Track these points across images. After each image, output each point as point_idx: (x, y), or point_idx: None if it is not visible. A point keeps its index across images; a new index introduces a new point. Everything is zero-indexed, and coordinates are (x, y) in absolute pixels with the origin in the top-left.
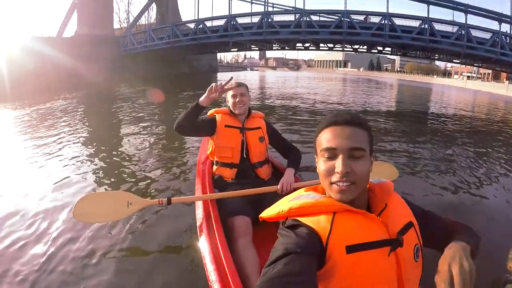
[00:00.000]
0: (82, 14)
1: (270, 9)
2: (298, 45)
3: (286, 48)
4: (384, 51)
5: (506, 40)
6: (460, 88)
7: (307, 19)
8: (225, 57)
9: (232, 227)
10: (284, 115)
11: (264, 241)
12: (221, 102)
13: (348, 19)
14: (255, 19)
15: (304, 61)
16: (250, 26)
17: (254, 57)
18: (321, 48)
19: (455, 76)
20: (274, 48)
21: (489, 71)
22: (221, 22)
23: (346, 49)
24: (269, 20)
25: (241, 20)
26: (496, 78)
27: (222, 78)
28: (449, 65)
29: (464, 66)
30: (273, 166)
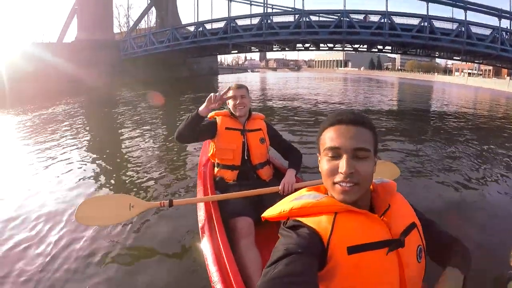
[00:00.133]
0: (82, 19)
1: (269, 11)
2: (298, 46)
3: (286, 49)
4: (384, 50)
5: (506, 36)
6: (461, 85)
7: (307, 20)
8: (226, 59)
9: (234, 228)
10: (285, 116)
11: (266, 242)
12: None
13: (348, 19)
14: (255, 21)
15: (305, 62)
16: (250, 28)
17: (255, 59)
18: (321, 48)
19: (456, 73)
20: (274, 49)
21: (490, 68)
22: (221, 25)
23: (346, 49)
24: (269, 22)
25: (241, 22)
26: (497, 75)
27: (223, 81)
28: (450, 62)
29: (465, 63)
30: (274, 167)
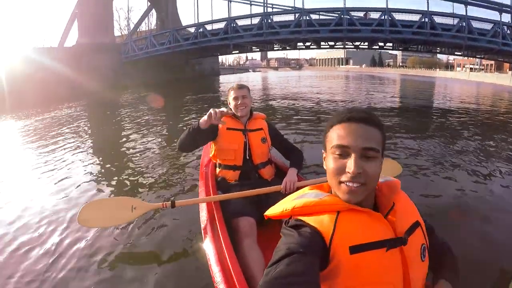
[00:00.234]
0: (83, 23)
1: (269, 10)
2: (299, 45)
3: (287, 48)
4: (386, 47)
5: (508, 31)
6: (463, 81)
7: (307, 18)
8: (227, 60)
9: (237, 228)
10: (287, 115)
11: (269, 242)
12: (224, 105)
13: (348, 16)
14: (255, 21)
15: (306, 60)
16: (250, 28)
17: (256, 59)
18: (322, 47)
19: (458, 69)
20: (275, 49)
21: (492, 62)
22: (221, 25)
23: (347, 46)
24: (269, 21)
25: (241, 22)
26: (499, 69)
27: (225, 81)
28: (452, 58)
29: (467, 58)
30: (276, 167)
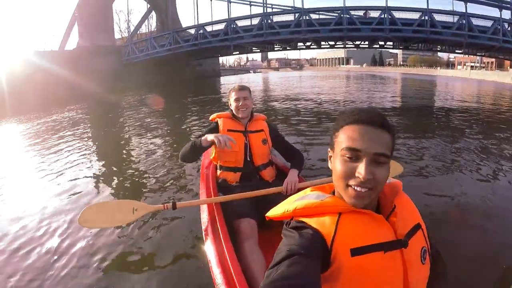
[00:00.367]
0: (83, 26)
1: (269, 10)
2: (300, 45)
3: (288, 48)
4: (386, 46)
5: (508, 28)
6: (464, 79)
7: (307, 18)
8: (228, 61)
9: (238, 230)
10: (288, 116)
11: (270, 243)
12: (225, 106)
13: (348, 15)
14: (255, 21)
15: (307, 60)
16: (250, 28)
17: (257, 59)
18: (323, 46)
19: (459, 67)
20: (276, 49)
21: (492, 60)
22: (221, 26)
23: (348, 46)
24: (269, 21)
25: (241, 23)
26: (500, 67)
27: (225, 82)
28: (452, 56)
29: (467, 56)
30: (277, 168)
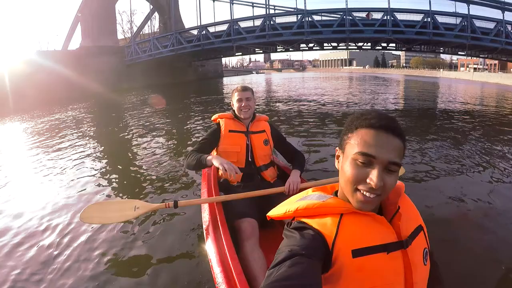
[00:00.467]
0: (86, 27)
1: (272, 12)
2: (302, 46)
3: (290, 50)
4: (389, 47)
5: (510, 30)
6: (467, 81)
7: (309, 19)
8: (230, 62)
9: (239, 230)
10: (291, 117)
11: (271, 243)
12: (227, 107)
13: (350, 17)
14: (257, 22)
15: (309, 62)
16: (253, 30)
17: (259, 60)
18: (325, 48)
19: (462, 69)
20: (278, 50)
21: (495, 62)
22: (224, 27)
23: (351, 47)
24: (271, 23)
25: (244, 24)
26: (503, 69)
27: (228, 83)
28: (455, 58)
29: (470, 58)
30: (279, 168)
